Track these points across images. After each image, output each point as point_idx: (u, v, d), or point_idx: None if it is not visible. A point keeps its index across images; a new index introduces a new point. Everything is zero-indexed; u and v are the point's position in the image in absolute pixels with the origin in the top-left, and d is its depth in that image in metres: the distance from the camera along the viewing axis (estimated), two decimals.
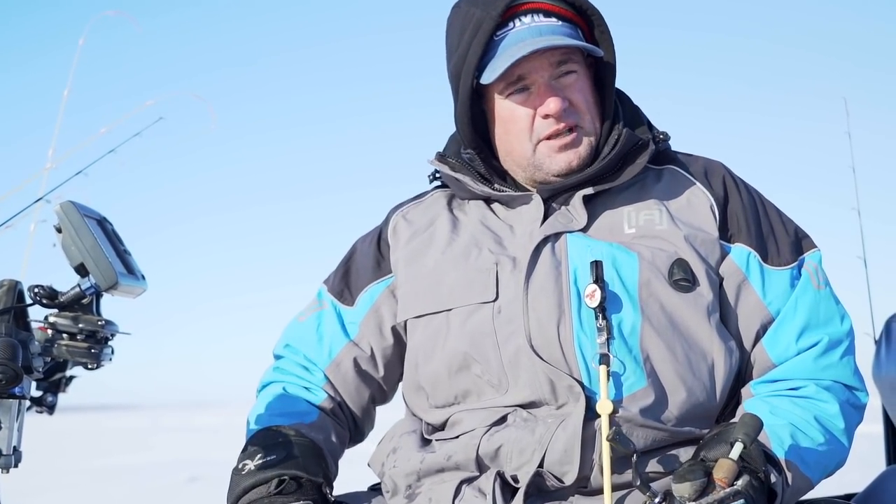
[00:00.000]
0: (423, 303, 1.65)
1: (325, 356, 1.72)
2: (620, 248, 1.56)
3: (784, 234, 1.65)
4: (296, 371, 1.74)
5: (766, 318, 1.60)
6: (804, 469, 1.48)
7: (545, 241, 1.58)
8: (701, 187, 1.65)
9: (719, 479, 1.32)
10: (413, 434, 1.64)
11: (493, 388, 1.57)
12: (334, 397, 1.72)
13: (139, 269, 1.53)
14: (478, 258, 1.62)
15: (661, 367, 1.51)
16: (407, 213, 1.78)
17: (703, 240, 1.59)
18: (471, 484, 1.51)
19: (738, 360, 1.58)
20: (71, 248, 1.42)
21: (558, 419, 1.49)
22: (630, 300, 1.52)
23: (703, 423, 1.54)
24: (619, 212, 1.61)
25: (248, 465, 1.52)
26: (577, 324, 1.51)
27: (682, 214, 1.61)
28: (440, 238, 1.69)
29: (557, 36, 1.57)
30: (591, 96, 1.63)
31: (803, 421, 1.53)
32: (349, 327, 1.74)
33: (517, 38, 1.57)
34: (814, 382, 1.57)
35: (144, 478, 10.49)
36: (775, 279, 1.61)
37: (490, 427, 1.54)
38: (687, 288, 1.54)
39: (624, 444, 1.42)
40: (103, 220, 1.51)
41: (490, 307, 1.57)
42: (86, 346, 1.42)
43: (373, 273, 1.75)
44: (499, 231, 1.65)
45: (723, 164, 1.70)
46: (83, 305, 1.44)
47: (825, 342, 1.58)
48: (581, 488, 1.48)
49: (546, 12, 1.59)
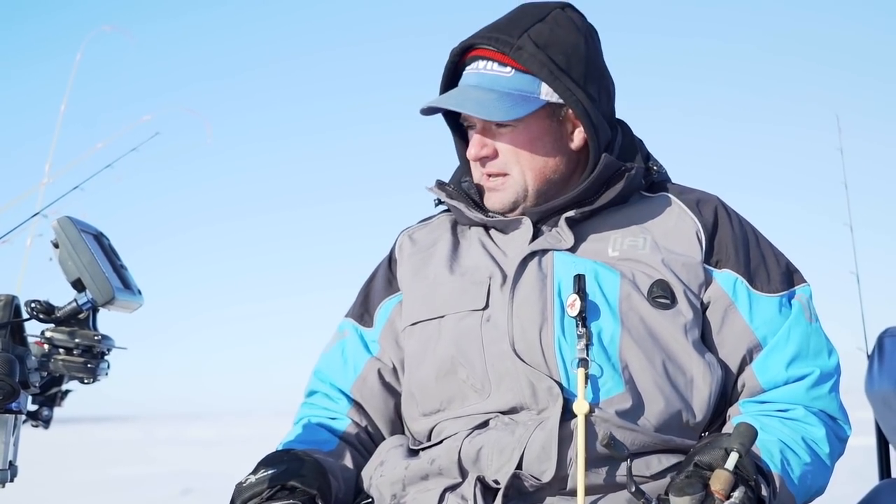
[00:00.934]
0: (419, 311, 1.72)
1: (352, 375, 1.78)
2: (604, 265, 1.62)
3: (775, 264, 1.68)
4: (322, 403, 1.80)
5: (753, 343, 1.62)
6: (790, 486, 1.50)
7: (532, 255, 1.65)
8: (690, 214, 1.69)
9: (717, 490, 1.33)
10: (400, 447, 1.68)
11: (477, 392, 1.60)
12: (359, 422, 1.76)
13: (136, 284, 1.54)
14: (474, 273, 1.68)
15: (639, 376, 1.55)
16: (413, 234, 1.87)
17: (684, 263, 1.63)
18: (454, 491, 1.54)
19: (720, 378, 1.60)
20: (68, 264, 1.43)
21: (538, 421, 1.53)
22: (610, 311, 1.57)
23: (684, 434, 1.56)
24: (606, 236, 1.67)
25: (249, 479, 1.55)
26: (559, 330, 1.56)
27: (666, 240, 1.66)
28: (440, 255, 1.76)
29: (490, 91, 1.66)
30: (530, 148, 1.68)
31: (791, 440, 1.55)
32: (371, 346, 1.80)
33: (463, 81, 1.72)
34: (803, 407, 1.60)
35: (139, 490, 10.46)
36: (763, 305, 1.64)
37: (472, 430, 1.58)
38: (666, 306, 1.58)
39: (618, 448, 1.44)
40: (100, 235, 1.52)
41: (479, 314, 1.63)
42: (82, 360, 1.43)
43: (385, 291, 1.83)
44: (495, 254, 1.71)
45: (718, 197, 1.74)
46: (80, 320, 1.44)
47: (816, 375, 1.61)
48: (560, 490, 1.50)
49: (501, 63, 1.67)
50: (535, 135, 1.69)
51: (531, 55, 1.65)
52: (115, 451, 19.61)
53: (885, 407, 2.21)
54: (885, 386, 2.20)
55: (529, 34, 1.66)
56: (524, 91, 1.66)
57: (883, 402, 2.21)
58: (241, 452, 14.33)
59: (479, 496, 1.50)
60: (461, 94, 1.69)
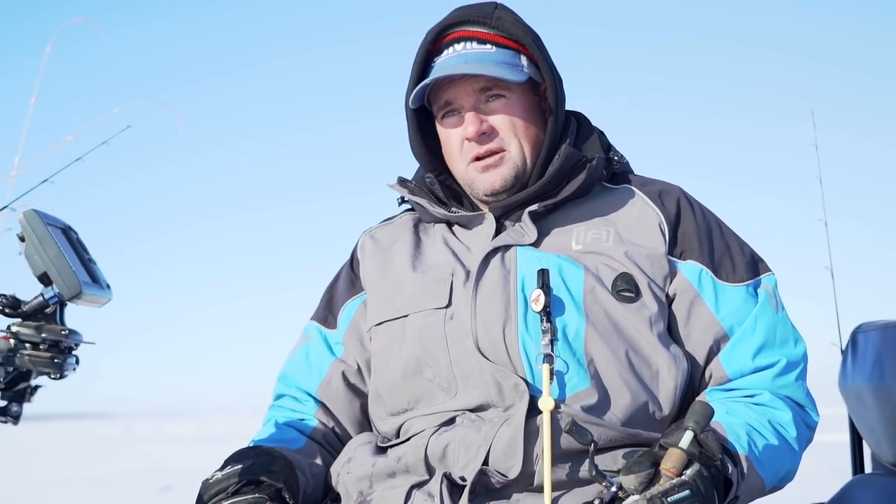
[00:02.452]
0: (383, 311, 1.71)
1: (316, 378, 1.78)
2: (568, 259, 1.61)
3: (740, 254, 1.69)
4: (289, 405, 1.80)
5: (720, 334, 1.63)
6: (758, 467, 1.50)
7: (495, 251, 1.64)
8: (652, 206, 1.69)
9: (666, 468, 1.32)
10: (368, 444, 1.68)
11: (444, 391, 1.60)
12: (326, 423, 1.76)
13: (104, 278, 1.52)
14: (436, 270, 1.68)
15: (604, 370, 1.55)
16: (375, 234, 1.86)
17: (648, 255, 1.63)
18: (421, 488, 1.54)
19: (686, 370, 1.61)
20: (34, 257, 1.40)
21: (504, 418, 1.53)
22: (575, 306, 1.57)
23: (651, 427, 1.56)
24: (569, 229, 1.67)
25: (216, 475, 1.55)
26: (523, 327, 1.56)
27: (629, 232, 1.66)
28: (403, 254, 1.75)
29: (482, 63, 1.64)
30: (524, 120, 1.69)
31: (758, 423, 1.56)
32: (335, 348, 1.80)
33: (443, 65, 1.67)
34: (769, 392, 1.60)
35: (118, 487, 10.41)
36: (729, 295, 1.64)
37: (439, 428, 1.58)
38: (630, 299, 1.59)
39: (581, 434, 1.42)
40: (68, 228, 1.50)
41: (442, 313, 1.62)
42: (49, 355, 1.41)
43: (348, 292, 1.83)
44: (458, 251, 1.70)
45: (680, 188, 1.75)
46: (46, 315, 1.42)
47: (783, 364, 1.61)
48: (527, 486, 1.50)
49: (480, 40, 1.66)
50: (527, 106, 1.70)
51: (512, 23, 1.66)
52: (95, 448, 19.52)
53: (858, 402, 2.22)
54: (858, 381, 2.21)
55: (499, 10, 1.68)
56: (511, 63, 1.66)
57: (856, 398, 2.22)
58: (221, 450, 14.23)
59: (445, 493, 1.49)
60: (452, 69, 1.66)
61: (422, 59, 1.71)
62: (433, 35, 1.70)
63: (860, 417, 2.24)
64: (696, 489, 1.30)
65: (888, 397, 2.09)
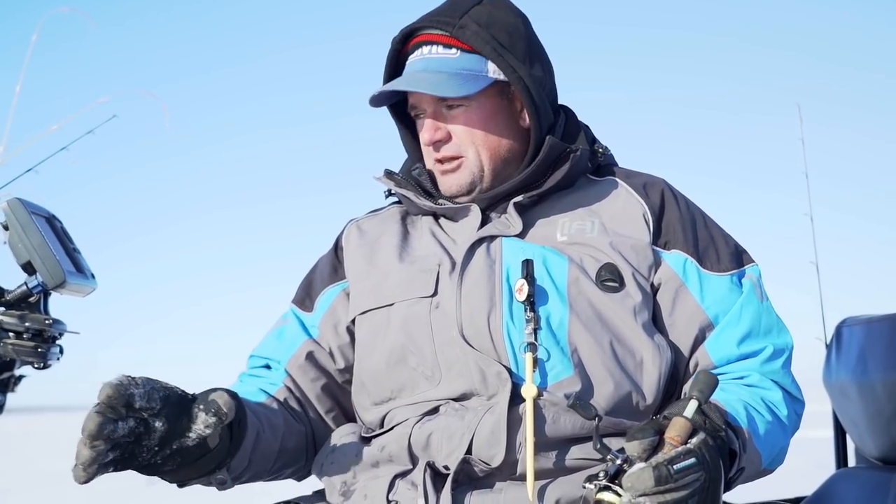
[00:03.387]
0: (368, 299, 1.71)
1: (287, 353, 1.76)
2: (552, 250, 1.62)
3: (724, 244, 1.70)
4: (256, 372, 1.78)
5: (705, 322, 1.64)
6: (757, 443, 1.50)
7: (480, 241, 1.65)
8: (637, 197, 1.70)
9: (671, 437, 1.30)
10: (352, 435, 1.68)
11: (427, 379, 1.60)
12: (293, 390, 1.74)
13: (89, 267, 1.51)
14: (423, 261, 1.69)
15: (588, 360, 1.55)
16: (361, 224, 1.86)
17: (633, 245, 1.63)
18: (404, 477, 1.54)
19: (670, 360, 1.61)
20: (18, 246, 1.40)
21: (487, 407, 1.53)
22: (559, 295, 1.57)
23: (634, 416, 1.57)
24: (554, 220, 1.68)
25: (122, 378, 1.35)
26: (508, 315, 1.56)
27: (614, 223, 1.67)
28: (390, 245, 1.75)
29: (440, 72, 1.66)
30: (483, 128, 1.69)
31: (752, 400, 1.57)
32: (311, 330, 1.79)
33: (408, 68, 1.71)
34: (758, 373, 1.61)
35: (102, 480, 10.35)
36: (714, 284, 1.65)
37: (422, 417, 1.58)
38: (614, 289, 1.59)
39: (585, 409, 1.41)
40: (52, 217, 1.49)
41: (428, 301, 1.62)
42: (32, 345, 1.40)
43: (329, 278, 1.82)
44: (444, 242, 1.71)
45: (664, 180, 1.76)
46: (30, 304, 1.41)
47: (769, 351, 1.62)
48: (511, 475, 1.50)
49: (446, 45, 1.68)
50: (487, 113, 1.69)
51: (474, 33, 1.66)
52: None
53: (842, 397, 2.23)
54: (842, 376, 2.22)
55: (470, 15, 1.68)
56: (472, 70, 1.67)
57: (840, 392, 2.23)
58: None
59: (428, 482, 1.49)
60: (409, 78, 1.69)
61: (392, 56, 1.74)
62: (402, 36, 1.72)
63: (844, 412, 2.25)
64: (702, 457, 1.28)
65: (872, 392, 2.10)
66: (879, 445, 2.13)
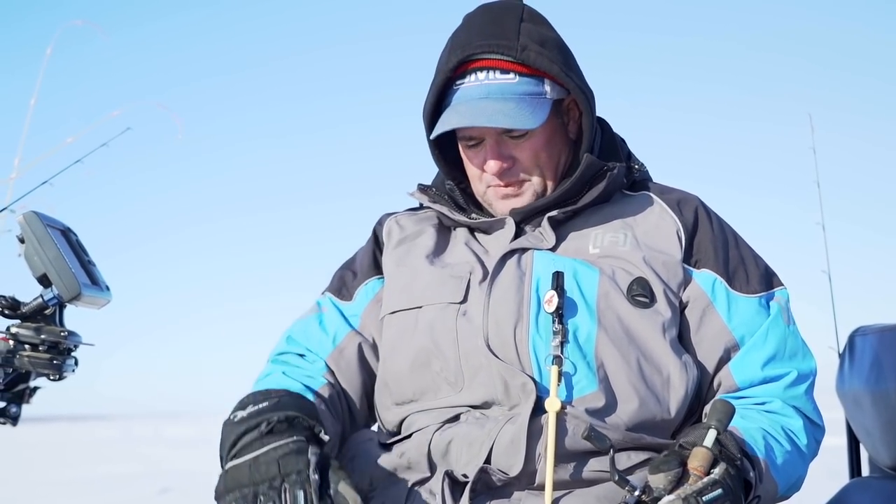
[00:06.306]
0: (398, 300, 1.70)
1: (329, 344, 1.74)
2: (583, 263, 1.61)
3: (754, 266, 1.68)
4: (295, 362, 1.75)
5: (731, 343, 1.63)
6: (774, 472, 1.50)
7: (512, 252, 1.64)
8: (670, 213, 1.69)
9: (694, 468, 1.31)
10: (370, 441, 1.67)
11: (450, 385, 1.60)
12: (334, 385, 1.71)
13: (104, 280, 1.52)
14: (455, 267, 1.68)
15: (614, 375, 1.54)
16: (400, 220, 1.84)
17: (665, 262, 1.63)
18: (423, 485, 1.54)
19: (695, 378, 1.60)
20: (34, 259, 1.41)
21: (508, 416, 1.52)
22: (588, 309, 1.56)
23: (655, 432, 1.56)
24: (587, 233, 1.67)
25: (239, 414, 1.42)
26: (534, 327, 1.56)
27: (647, 237, 1.66)
28: (424, 247, 1.75)
29: (504, 100, 1.61)
30: (548, 151, 1.68)
31: (772, 429, 1.56)
32: (351, 319, 1.77)
33: (464, 96, 1.63)
34: (780, 400, 1.60)
35: (116, 489, 10.40)
36: (742, 305, 1.64)
37: (443, 424, 1.58)
38: (644, 304, 1.58)
39: (599, 440, 1.41)
40: (67, 230, 1.50)
41: (456, 308, 1.62)
42: (48, 357, 1.42)
43: (370, 270, 1.81)
44: (478, 251, 1.70)
45: (698, 198, 1.74)
46: (46, 316, 1.43)
47: (793, 376, 1.61)
48: (528, 485, 1.50)
49: (503, 70, 1.62)
50: (549, 136, 1.68)
51: (538, 54, 1.62)
52: (94, 450, 19.50)
53: (855, 406, 2.22)
54: (855, 385, 2.21)
55: (523, 35, 1.63)
56: (534, 93, 1.63)
57: (853, 401, 2.23)
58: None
59: (447, 490, 1.49)
60: (475, 109, 1.62)
61: (441, 83, 1.66)
62: (455, 63, 1.64)
63: (857, 421, 2.25)
64: (728, 487, 1.30)
65: (885, 401, 2.09)
66: (893, 455, 2.12)
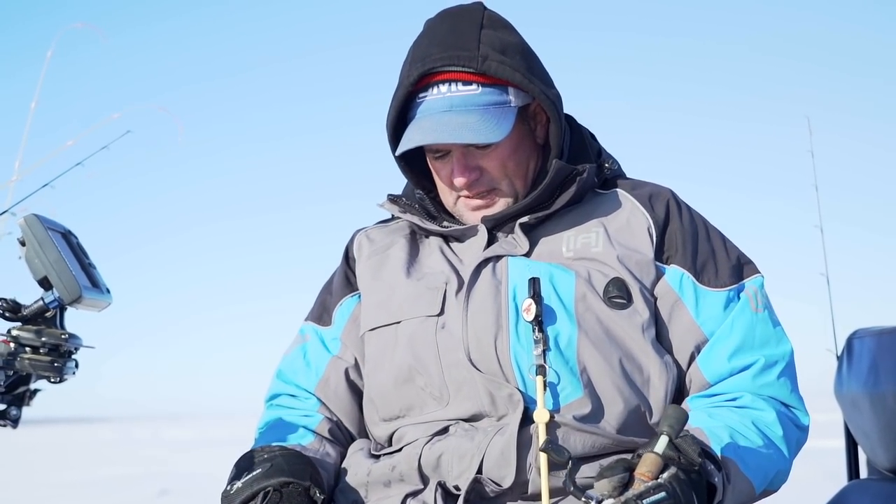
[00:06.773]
0: (376, 316, 1.70)
1: (314, 377, 1.76)
2: (558, 266, 1.61)
3: (725, 258, 1.67)
4: (288, 403, 1.78)
5: (700, 339, 1.62)
6: (744, 469, 1.48)
7: (486, 262, 1.63)
8: (642, 209, 1.68)
9: (641, 473, 1.30)
10: (361, 452, 1.68)
11: (436, 400, 1.60)
12: (330, 418, 1.74)
13: (104, 282, 1.52)
14: (430, 278, 1.67)
15: (597, 379, 1.54)
16: (370, 233, 1.84)
17: (638, 260, 1.62)
18: (415, 497, 1.54)
19: (675, 376, 1.60)
20: (34, 262, 1.41)
21: (497, 428, 1.52)
22: (566, 314, 1.56)
23: (644, 434, 1.56)
24: (559, 237, 1.66)
25: (235, 485, 1.50)
26: (514, 337, 1.55)
27: (620, 236, 1.65)
28: (398, 259, 1.74)
29: (468, 112, 1.59)
30: (515, 159, 1.67)
31: (741, 425, 1.55)
32: (331, 344, 1.78)
33: (427, 109, 1.62)
34: (750, 394, 1.59)
35: (115, 491, 10.39)
36: (710, 300, 1.63)
37: (432, 437, 1.58)
38: (622, 305, 1.58)
39: (558, 452, 1.38)
40: (68, 233, 1.50)
41: (434, 321, 1.61)
42: (49, 359, 1.41)
43: (344, 289, 1.81)
44: (452, 260, 1.70)
45: (670, 191, 1.73)
46: (46, 319, 1.43)
47: (761, 363, 1.60)
48: (522, 494, 1.50)
49: (465, 81, 1.61)
50: (516, 144, 1.67)
51: (499, 63, 1.60)
52: (94, 452, 19.49)
53: (853, 408, 2.23)
54: (853, 388, 2.21)
55: (483, 44, 1.61)
56: (498, 102, 1.62)
57: (851, 404, 2.23)
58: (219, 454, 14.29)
59: (440, 502, 1.49)
60: (438, 124, 1.61)
61: (402, 97, 1.65)
62: (416, 77, 1.62)
63: (856, 423, 2.25)
64: (672, 491, 1.28)
65: (883, 403, 2.10)
66: (891, 457, 2.13)
